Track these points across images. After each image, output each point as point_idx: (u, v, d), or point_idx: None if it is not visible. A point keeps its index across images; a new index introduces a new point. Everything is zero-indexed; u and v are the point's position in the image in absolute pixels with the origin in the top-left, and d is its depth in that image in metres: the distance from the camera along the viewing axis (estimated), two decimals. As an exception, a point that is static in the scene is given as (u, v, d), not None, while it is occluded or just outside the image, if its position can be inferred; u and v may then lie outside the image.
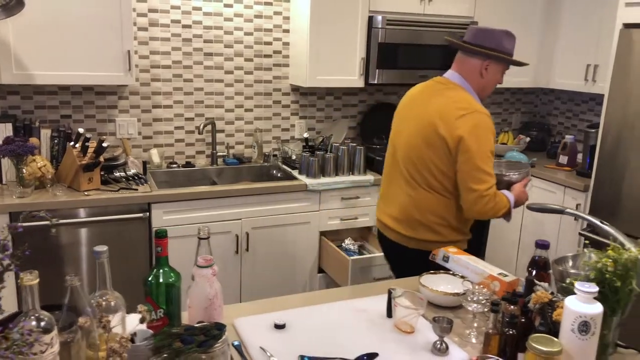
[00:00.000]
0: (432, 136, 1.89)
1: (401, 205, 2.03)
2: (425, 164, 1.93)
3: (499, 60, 1.94)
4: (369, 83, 3.31)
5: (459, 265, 1.89)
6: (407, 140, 1.99)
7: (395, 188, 2.07)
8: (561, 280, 1.39)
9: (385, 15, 3.23)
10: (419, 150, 1.94)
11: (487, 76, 1.96)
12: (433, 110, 1.91)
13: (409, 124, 2.00)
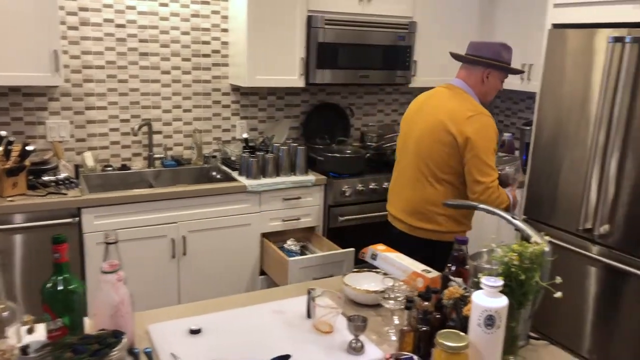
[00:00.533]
0: (443, 134, 2.11)
1: (408, 198, 2.25)
2: (434, 159, 2.15)
3: (497, 68, 2.19)
4: (310, 83, 3.29)
5: (386, 263, 1.90)
6: (419, 139, 2.20)
7: (403, 183, 2.28)
8: (474, 275, 1.40)
9: (325, 15, 3.22)
10: (429, 147, 2.16)
11: (488, 83, 2.21)
12: (444, 111, 2.14)
13: (420, 125, 2.22)
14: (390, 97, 4.01)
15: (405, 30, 3.46)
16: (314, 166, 3.30)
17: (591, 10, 2.76)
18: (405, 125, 2.36)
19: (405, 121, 2.37)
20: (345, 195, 3.19)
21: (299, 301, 1.61)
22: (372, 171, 3.36)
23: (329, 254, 2.86)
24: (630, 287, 2.59)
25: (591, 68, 2.71)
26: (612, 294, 2.68)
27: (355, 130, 3.91)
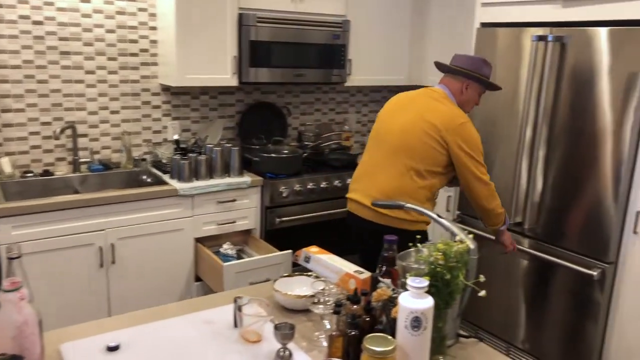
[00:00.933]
0: (434, 136, 2.17)
1: (383, 187, 2.23)
2: (420, 154, 2.19)
3: (477, 81, 2.29)
4: (243, 82, 3.22)
5: (319, 265, 1.86)
6: (403, 134, 2.23)
7: (376, 172, 2.29)
8: (403, 276, 1.39)
9: (257, 12, 3.15)
10: (416, 143, 2.19)
11: (467, 94, 2.31)
12: (437, 115, 2.20)
13: (404, 121, 2.25)
14: (327, 96, 3.99)
15: (339, 29, 3.44)
16: (250, 167, 3.23)
17: (516, 10, 2.83)
18: (384, 118, 2.39)
19: (384, 115, 2.40)
20: (283, 196, 3.14)
21: (229, 310, 1.55)
22: (310, 171, 3.33)
23: (265, 257, 2.80)
24: (558, 277, 2.68)
25: (518, 66, 2.78)
26: (541, 284, 2.76)
27: (292, 130, 3.87)
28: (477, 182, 2.23)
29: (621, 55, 2.34)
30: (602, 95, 2.42)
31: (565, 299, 2.66)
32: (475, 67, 2.29)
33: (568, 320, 2.66)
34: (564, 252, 2.63)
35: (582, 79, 2.49)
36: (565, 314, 2.67)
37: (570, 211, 2.59)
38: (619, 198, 2.40)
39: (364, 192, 2.32)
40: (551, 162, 2.66)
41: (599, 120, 2.44)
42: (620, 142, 2.37)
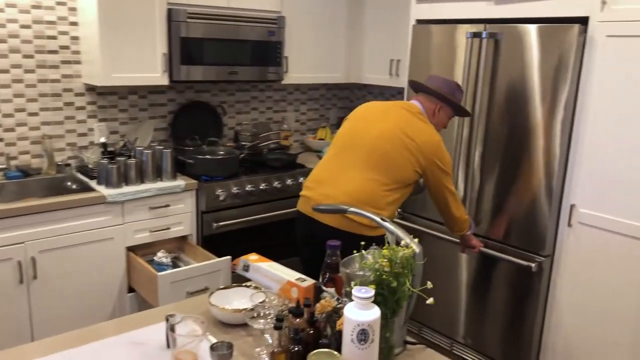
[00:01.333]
0: (414, 152, 2.14)
1: (352, 191, 2.13)
2: (394, 164, 2.14)
3: (450, 105, 2.30)
4: (174, 80, 3.06)
5: (259, 274, 1.77)
6: (383, 141, 2.17)
7: (348, 176, 2.17)
8: (348, 284, 1.32)
9: (187, 8, 3.00)
10: (393, 153, 2.14)
11: (438, 116, 2.31)
12: (417, 132, 2.17)
13: (386, 129, 2.18)
14: (263, 95, 3.88)
15: (274, 25, 3.35)
16: (184, 170, 3.08)
17: (451, 7, 2.84)
18: (356, 123, 2.30)
19: (357, 120, 2.31)
20: (220, 200, 3.01)
21: (160, 329, 1.43)
22: (248, 172, 3.22)
23: (203, 264, 2.67)
24: (498, 271, 2.71)
25: (453, 63, 2.79)
26: (481, 279, 2.79)
27: (228, 130, 3.73)
28: (449, 194, 2.26)
29: (550, 52, 2.38)
30: (535, 91, 2.46)
31: (505, 293, 2.70)
32: (449, 90, 2.29)
33: (508, 313, 2.70)
34: (504, 246, 2.66)
35: (515, 76, 2.52)
36: (506, 307, 2.71)
37: (508, 206, 2.63)
38: (553, 192, 2.45)
39: (327, 195, 2.16)
40: (488, 158, 2.69)
41: (533, 116, 2.48)
42: (553, 137, 2.42)
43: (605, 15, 2.25)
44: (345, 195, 2.11)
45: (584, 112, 2.36)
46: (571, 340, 2.53)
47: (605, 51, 2.26)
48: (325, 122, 4.25)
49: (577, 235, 2.44)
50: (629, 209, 2.26)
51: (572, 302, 2.50)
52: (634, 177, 2.23)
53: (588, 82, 2.33)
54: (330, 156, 2.29)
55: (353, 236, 2.05)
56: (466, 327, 2.91)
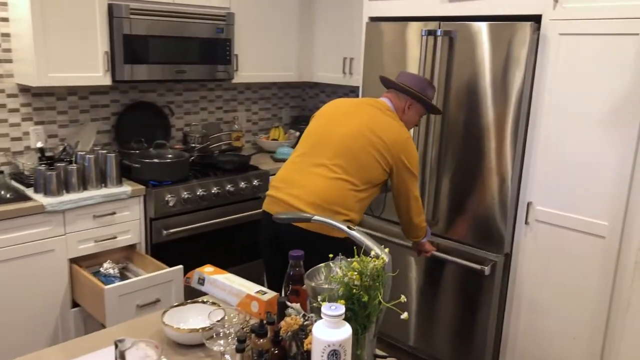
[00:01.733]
0: (381, 151, 2.09)
1: (320, 191, 2.06)
2: (361, 163, 2.08)
3: (421, 102, 2.24)
4: (117, 80, 2.89)
5: (216, 288, 1.67)
6: (350, 139, 2.11)
7: (313, 174, 2.11)
8: (314, 298, 1.24)
9: (129, 3, 2.83)
10: (360, 152, 2.09)
11: (408, 113, 2.25)
12: (385, 129, 2.12)
13: (354, 127, 2.13)
14: (213, 94, 3.74)
15: (222, 22, 3.22)
16: (130, 175, 2.91)
17: (404, 4, 2.81)
18: (324, 121, 2.23)
19: (324, 118, 2.24)
20: (169, 206, 2.86)
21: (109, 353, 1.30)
22: (199, 176, 3.08)
23: (153, 275, 2.52)
24: (450, 274, 2.69)
25: (408, 61, 2.75)
26: (436, 280, 2.77)
27: (176, 131, 3.57)
28: (413, 199, 2.21)
29: (504, 50, 2.37)
30: (490, 89, 2.45)
31: (458, 295, 2.69)
32: (420, 87, 2.24)
33: (461, 315, 2.69)
34: (461, 246, 2.65)
35: (470, 74, 2.51)
36: (459, 309, 2.69)
37: (465, 205, 2.61)
38: (510, 190, 2.45)
39: (294, 195, 2.08)
40: (445, 157, 2.67)
41: (489, 114, 2.47)
42: (509, 134, 2.42)
43: (558, 14, 2.26)
44: (313, 195, 2.04)
45: (539, 110, 2.37)
46: (531, 337, 2.54)
47: (558, 49, 2.28)
48: (277, 122, 4.15)
49: (534, 233, 2.45)
50: (584, 205, 2.28)
51: (531, 299, 2.51)
52: (587, 174, 2.26)
53: (542, 81, 2.34)
54: (298, 155, 2.21)
55: (322, 237, 1.98)
56: (417, 332, 2.88)
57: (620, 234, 2.19)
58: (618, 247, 2.20)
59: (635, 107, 2.09)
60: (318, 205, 2.03)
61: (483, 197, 2.54)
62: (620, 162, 2.16)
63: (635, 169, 2.13)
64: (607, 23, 2.12)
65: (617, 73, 2.12)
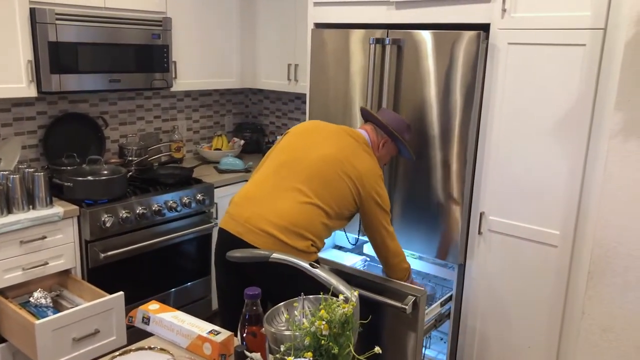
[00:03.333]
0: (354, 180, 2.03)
1: (286, 213, 1.98)
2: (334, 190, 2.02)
3: (397, 143, 2.23)
4: (44, 91, 2.65)
5: (162, 328, 1.52)
6: (325, 165, 2.04)
7: (281, 195, 2.02)
8: (275, 345, 1.13)
9: (55, 8, 2.60)
10: (334, 178, 2.02)
11: (382, 151, 2.23)
12: (361, 162, 2.08)
13: (330, 153, 2.07)
14: (150, 103, 3.53)
15: (159, 28, 3.03)
16: (62, 194, 2.68)
17: (350, 10, 2.73)
18: (297, 142, 2.15)
19: (298, 139, 2.16)
20: (106, 226, 2.65)
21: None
22: (138, 192, 2.88)
23: (91, 304, 2.32)
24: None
25: (354, 69, 2.67)
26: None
27: (111, 144, 3.35)
28: (386, 234, 2.13)
29: (453, 58, 2.34)
30: (440, 99, 2.41)
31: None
32: (399, 128, 2.22)
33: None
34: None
35: (420, 83, 2.46)
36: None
37: (418, 217, 2.57)
38: (464, 200, 2.43)
39: (257, 214, 1.97)
40: (396, 169, 2.61)
41: (438, 124, 2.43)
42: (459, 145, 2.39)
43: (506, 23, 2.24)
44: (277, 217, 1.94)
45: (489, 120, 2.36)
46: (486, 347, 2.54)
47: (507, 59, 2.26)
48: (220, 130, 3.99)
49: (487, 243, 2.44)
50: (535, 214, 2.29)
51: (485, 309, 2.50)
52: (538, 183, 2.26)
53: (492, 90, 2.33)
54: (267, 174, 2.10)
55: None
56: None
57: (572, 243, 2.20)
58: (570, 256, 2.22)
59: (583, 117, 2.11)
60: (284, 227, 1.94)
61: (436, 207, 2.50)
62: (570, 171, 2.17)
63: (585, 179, 2.14)
64: (555, 33, 2.13)
65: (565, 83, 2.13)
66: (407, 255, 2.72)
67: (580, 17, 2.06)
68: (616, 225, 1.99)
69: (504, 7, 2.23)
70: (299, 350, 1.00)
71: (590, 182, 2.13)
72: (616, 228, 1.99)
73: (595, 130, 2.09)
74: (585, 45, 2.06)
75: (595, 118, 2.09)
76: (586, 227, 2.16)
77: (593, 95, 2.07)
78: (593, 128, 2.10)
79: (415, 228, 2.59)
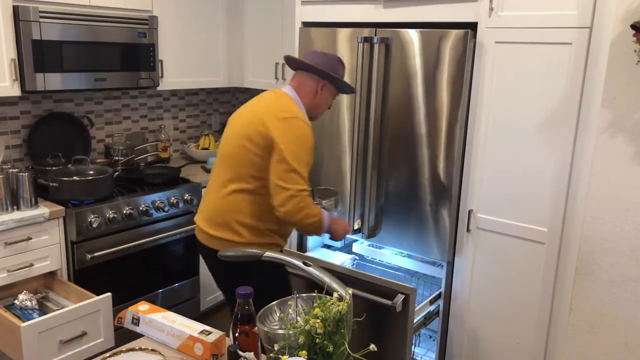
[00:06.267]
0: (253, 133, 1.92)
1: (211, 204, 2.03)
2: (242, 159, 1.94)
3: (334, 81, 2.09)
4: (28, 90, 2.61)
5: (152, 329, 1.51)
6: (230, 139, 2.01)
7: (210, 190, 2.09)
8: (269, 344, 1.12)
9: (38, 5, 2.56)
10: (239, 147, 1.95)
11: (321, 95, 2.10)
12: (258, 111, 1.98)
13: (235, 126, 2.03)
14: (136, 102, 3.50)
15: (144, 26, 3.00)
16: (47, 195, 2.64)
17: (338, 9, 2.73)
18: (226, 128, 2.14)
19: (227, 124, 2.15)
20: (93, 227, 2.62)
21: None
22: (124, 192, 2.85)
23: (78, 306, 2.29)
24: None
25: (345, 68, 2.67)
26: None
27: (97, 143, 3.31)
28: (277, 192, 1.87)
29: (441, 57, 2.35)
30: (428, 97, 2.42)
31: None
32: (331, 66, 2.08)
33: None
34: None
35: (408, 81, 2.46)
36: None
37: (407, 214, 2.58)
38: (451, 198, 2.44)
39: (199, 214, 2.14)
40: (385, 166, 2.61)
41: (426, 121, 2.44)
42: (447, 142, 2.40)
43: (493, 22, 2.26)
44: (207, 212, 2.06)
45: (477, 118, 2.37)
46: (474, 344, 2.55)
47: (494, 57, 2.28)
48: (207, 130, 3.96)
49: (476, 241, 2.45)
50: (523, 212, 2.30)
51: (474, 306, 2.51)
52: (526, 181, 2.28)
53: (480, 88, 2.34)
54: (211, 174, 2.16)
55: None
56: None
57: (559, 240, 2.22)
58: (557, 253, 2.24)
59: (570, 115, 2.13)
60: (209, 218, 2.04)
61: (424, 205, 2.51)
62: (557, 168, 2.19)
63: (572, 176, 2.17)
64: (542, 32, 2.14)
65: (552, 81, 2.15)
66: (396, 253, 2.76)
67: (567, 16, 2.07)
68: (603, 222, 2.02)
69: (491, 6, 2.24)
70: (293, 349, 1.00)
71: (578, 179, 2.15)
72: (603, 225, 2.02)
73: (582, 128, 2.11)
74: (572, 44, 2.08)
75: (581, 116, 2.11)
76: (573, 224, 2.18)
77: (579, 93, 2.09)
78: (580, 126, 2.12)
79: (404, 226, 2.59)
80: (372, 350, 1.01)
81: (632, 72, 1.86)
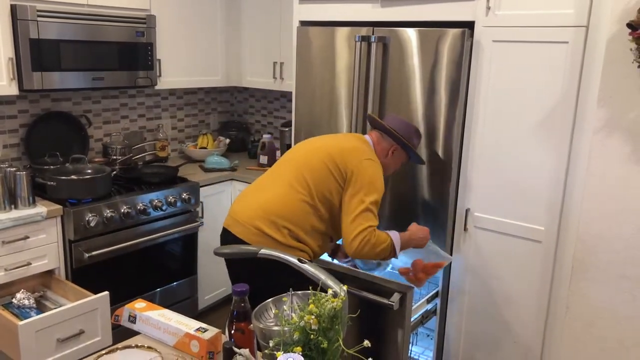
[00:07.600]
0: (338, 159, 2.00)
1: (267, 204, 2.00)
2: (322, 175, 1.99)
3: (406, 148, 2.17)
4: (26, 89, 2.61)
5: (149, 327, 1.51)
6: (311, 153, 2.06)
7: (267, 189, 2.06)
8: (264, 340, 1.12)
9: (36, 4, 2.57)
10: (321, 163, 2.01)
11: (391, 158, 2.18)
12: (345, 144, 2.06)
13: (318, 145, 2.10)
14: (134, 101, 3.50)
15: (142, 25, 3.00)
16: (45, 194, 2.64)
17: (335, 8, 2.73)
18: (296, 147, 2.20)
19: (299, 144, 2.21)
20: (91, 226, 2.62)
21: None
22: (122, 191, 2.85)
23: (75, 305, 2.29)
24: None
25: (339, 67, 2.68)
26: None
27: (95, 143, 3.31)
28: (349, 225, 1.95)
29: (438, 56, 2.35)
30: (426, 96, 2.42)
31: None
32: (407, 134, 2.17)
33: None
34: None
35: (405, 80, 2.47)
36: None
37: (404, 213, 2.58)
38: (449, 197, 2.44)
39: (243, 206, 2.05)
40: (383, 165, 2.62)
41: (423, 121, 2.44)
42: (445, 141, 2.40)
43: (491, 21, 2.26)
44: (260, 209, 1.98)
45: (474, 117, 2.37)
46: (471, 342, 2.55)
47: (492, 56, 2.28)
48: (205, 129, 3.96)
49: (473, 239, 2.45)
50: (520, 211, 2.31)
51: (471, 304, 2.52)
52: (522, 180, 2.28)
53: (477, 87, 2.34)
54: (266, 174, 2.17)
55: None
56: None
57: (556, 239, 2.23)
58: (554, 252, 2.24)
59: (567, 113, 2.13)
60: (259, 216, 1.98)
61: (421, 203, 2.51)
62: (554, 167, 2.19)
63: (568, 174, 2.17)
64: (538, 31, 2.15)
65: (549, 80, 2.15)
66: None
67: (563, 15, 2.08)
68: (599, 220, 2.02)
69: (489, 5, 2.25)
70: (288, 345, 1.00)
71: (574, 178, 2.15)
72: (599, 223, 2.02)
73: (578, 127, 2.12)
74: (568, 42, 2.09)
75: (578, 114, 2.11)
76: (570, 223, 2.18)
77: (576, 92, 2.10)
78: (576, 124, 2.12)
79: (402, 225, 2.59)
80: (366, 346, 1.02)
81: (628, 71, 1.87)
